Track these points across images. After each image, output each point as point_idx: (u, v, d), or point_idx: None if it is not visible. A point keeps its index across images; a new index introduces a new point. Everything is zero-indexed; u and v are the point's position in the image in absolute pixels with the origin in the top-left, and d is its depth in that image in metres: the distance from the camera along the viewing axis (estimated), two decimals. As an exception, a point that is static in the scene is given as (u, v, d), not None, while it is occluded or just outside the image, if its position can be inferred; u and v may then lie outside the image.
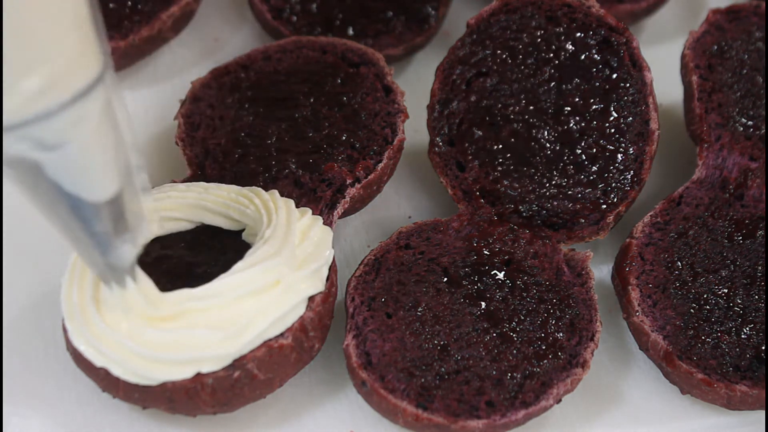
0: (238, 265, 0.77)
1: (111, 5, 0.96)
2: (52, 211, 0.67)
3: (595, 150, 0.90)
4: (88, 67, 0.63)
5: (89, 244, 0.70)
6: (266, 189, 0.84)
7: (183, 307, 0.75)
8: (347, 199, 0.87)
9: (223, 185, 0.84)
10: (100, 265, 0.72)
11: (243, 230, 0.83)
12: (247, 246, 0.81)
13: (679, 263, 0.87)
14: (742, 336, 0.84)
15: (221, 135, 0.90)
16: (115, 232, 0.69)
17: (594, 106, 0.90)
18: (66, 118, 0.63)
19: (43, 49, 0.61)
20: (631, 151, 0.89)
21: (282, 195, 0.84)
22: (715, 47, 0.94)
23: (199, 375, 0.76)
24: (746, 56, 0.94)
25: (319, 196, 0.86)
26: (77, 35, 0.62)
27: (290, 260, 0.79)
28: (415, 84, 0.99)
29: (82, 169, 0.65)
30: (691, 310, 0.85)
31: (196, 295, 0.75)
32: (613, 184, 0.89)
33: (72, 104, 0.63)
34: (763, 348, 0.83)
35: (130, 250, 0.71)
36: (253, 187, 0.84)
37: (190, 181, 0.87)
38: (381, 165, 0.88)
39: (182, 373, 0.76)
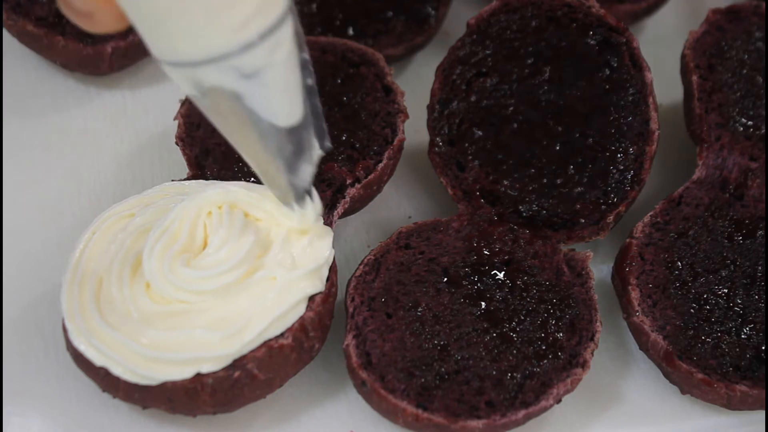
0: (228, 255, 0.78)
1: (111, 5, 0.96)
2: (244, 137, 0.71)
3: (595, 150, 0.90)
4: (283, 2, 0.67)
5: (277, 166, 0.74)
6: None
7: (178, 296, 0.77)
8: (347, 199, 0.87)
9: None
10: (284, 186, 0.76)
11: None
12: None
13: (679, 263, 0.87)
14: (742, 336, 0.84)
15: (221, 135, 0.90)
16: (299, 154, 0.73)
17: (594, 106, 0.90)
18: (266, 46, 0.66)
19: None
20: (631, 151, 0.89)
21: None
22: (715, 47, 0.94)
23: (199, 375, 0.76)
24: (746, 56, 0.94)
25: (319, 196, 0.86)
26: None
27: (285, 258, 0.79)
28: (415, 84, 0.99)
29: (276, 96, 0.69)
30: (691, 310, 0.85)
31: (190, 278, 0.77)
32: (613, 184, 0.89)
33: (272, 32, 0.66)
34: (763, 348, 0.83)
35: (309, 169, 0.76)
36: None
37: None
38: (381, 165, 0.88)
39: (182, 373, 0.76)
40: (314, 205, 0.79)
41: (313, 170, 0.76)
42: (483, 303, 0.84)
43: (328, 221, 0.84)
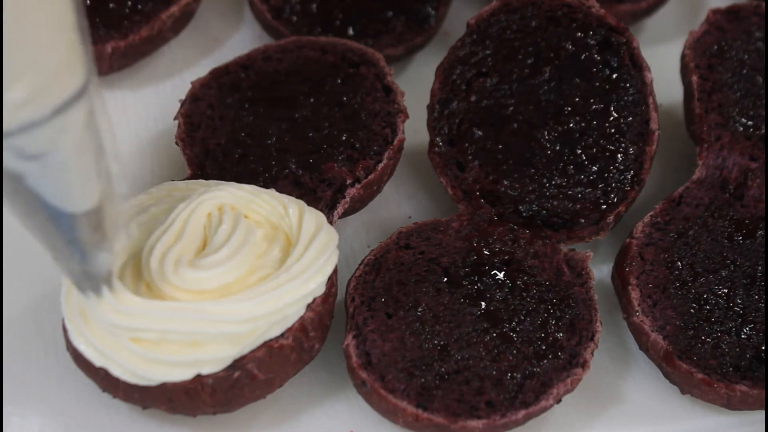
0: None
1: (111, 5, 0.96)
2: (30, 219, 0.66)
3: (595, 150, 0.90)
4: (73, 75, 0.62)
5: (67, 252, 0.69)
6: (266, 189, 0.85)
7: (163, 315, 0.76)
8: (347, 199, 0.87)
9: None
10: (76, 274, 0.72)
11: None
12: None
13: (679, 263, 0.87)
14: (742, 336, 0.84)
15: (221, 135, 0.90)
16: (92, 241, 0.69)
17: (594, 106, 0.90)
18: (50, 128, 0.61)
19: (29, 58, 0.59)
20: (631, 151, 0.89)
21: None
22: (715, 47, 0.94)
23: (199, 375, 0.76)
24: (746, 56, 0.94)
25: (319, 196, 0.86)
26: (63, 43, 0.61)
27: (285, 258, 0.79)
28: (415, 84, 0.99)
29: (63, 180, 0.64)
30: (691, 310, 0.85)
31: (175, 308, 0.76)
32: (613, 184, 0.89)
33: (56, 115, 0.61)
34: (763, 348, 0.83)
35: (107, 258, 0.71)
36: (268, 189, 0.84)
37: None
38: (381, 165, 0.88)
39: (182, 374, 0.76)
40: (111, 296, 0.74)
41: (112, 259, 0.72)
42: (483, 303, 0.84)
43: (328, 221, 0.84)
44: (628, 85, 0.90)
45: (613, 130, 0.90)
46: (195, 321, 0.76)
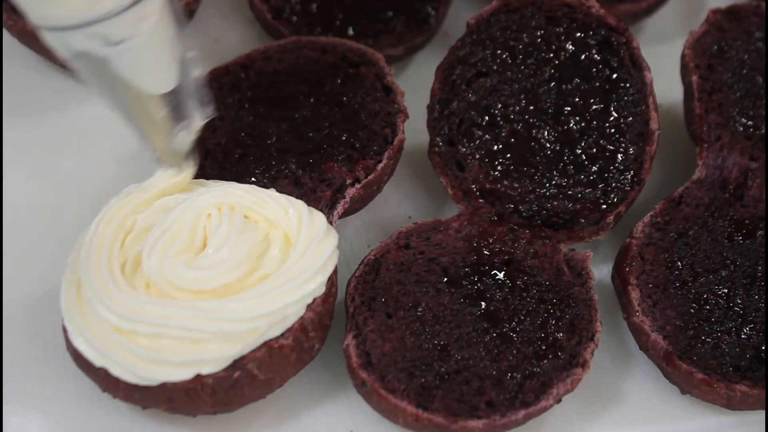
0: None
1: (111, 5, 0.96)
2: (117, 100, 0.75)
3: (595, 150, 0.90)
4: None
5: (150, 130, 0.78)
6: (266, 189, 0.85)
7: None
8: (347, 199, 0.87)
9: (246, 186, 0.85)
10: (161, 148, 0.80)
11: None
12: None
13: (679, 263, 0.87)
14: (742, 336, 0.84)
15: (221, 135, 0.90)
16: (173, 120, 0.77)
17: (594, 106, 0.90)
18: (130, 16, 0.70)
19: None
20: (631, 151, 0.89)
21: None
22: (715, 47, 0.94)
23: (199, 375, 0.76)
24: (746, 56, 0.94)
25: (319, 196, 0.86)
26: None
27: (285, 258, 0.79)
28: (415, 84, 0.99)
29: (144, 64, 0.73)
30: (691, 310, 0.85)
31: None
32: (613, 184, 0.89)
33: (135, 4, 0.70)
34: (763, 348, 0.83)
35: (186, 136, 0.79)
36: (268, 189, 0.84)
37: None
38: (381, 165, 0.88)
39: (182, 374, 0.76)
40: (189, 166, 0.83)
41: (190, 138, 0.80)
42: (483, 303, 0.84)
43: (328, 221, 0.84)
44: (628, 85, 0.90)
45: (613, 130, 0.90)
46: (195, 319, 0.76)
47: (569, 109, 0.91)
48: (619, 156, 0.89)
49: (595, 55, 0.91)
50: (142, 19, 0.71)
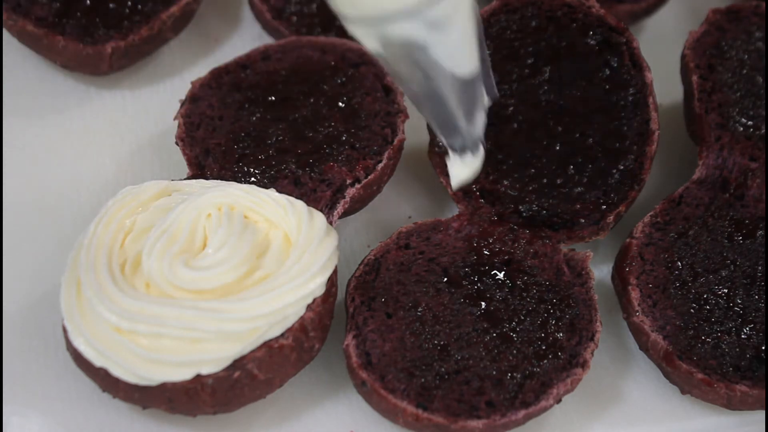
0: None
1: (111, 5, 0.96)
2: (426, 90, 0.74)
3: (595, 150, 0.90)
4: None
5: (457, 115, 0.76)
6: (266, 189, 0.85)
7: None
8: (347, 199, 0.87)
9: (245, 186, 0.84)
10: (463, 135, 0.79)
11: None
12: None
13: (679, 263, 0.87)
14: (742, 336, 0.84)
15: (221, 135, 0.90)
16: (474, 102, 0.76)
17: (594, 106, 0.90)
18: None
19: None
20: (631, 151, 0.89)
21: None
22: (715, 47, 0.94)
23: (198, 375, 0.76)
24: (746, 56, 0.94)
25: (319, 196, 0.86)
26: None
27: (285, 259, 0.79)
28: (416, 84, 0.99)
29: (459, 46, 0.72)
30: (691, 310, 0.85)
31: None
32: (613, 184, 0.89)
33: None
34: (763, 348, 0.83)
35: (482, 117, 0.78)
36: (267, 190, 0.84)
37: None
38: (381, 165, 0.88)
39: (182, 374, 0.76)
40: (481, 154, 0.81)
41: (485, 118, 0.79)
42: (483, 303, 0.84)
43: (328, 221, 0.84)
44: (628, 85, 0.90)
45: (613, 130, 0.90)
46: (195, 319, 0.76)
47: (569, 109, 0.91)
48: (619, 156, 0.89)
49: (595, 55, 0.91)
50: (463, 2, 0.70)
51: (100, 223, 0.82)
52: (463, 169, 0.82)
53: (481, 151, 0.81)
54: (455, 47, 0.71)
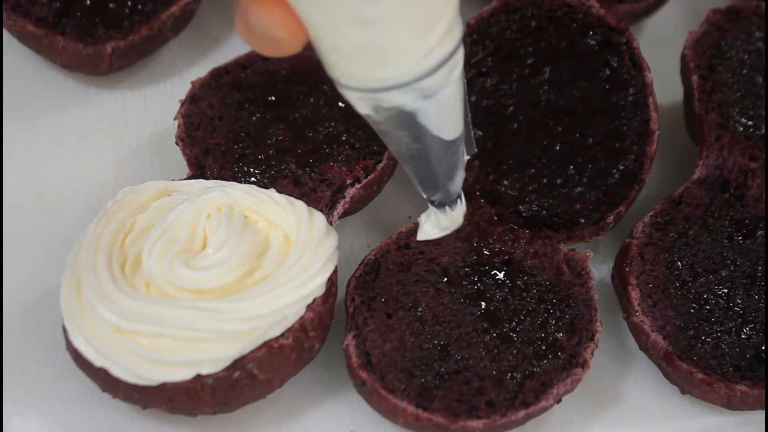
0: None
1: (111, 5, 0.96)
2: (410, 149, 0.74)
3: (595, 150, 0.90)
4: (459, 19, 0.69)
5: (439, 174, 0.77)
6: (266, 189, 0.85)
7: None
8: (347, 199, 0.87)
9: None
10: (443, 192, 0.79)
11: None
12: None
13: (679, 263, 0.87)
14: (742, 336, 0.84)
15: (221, 135, 0.90)
16: (455, 162, 0.77)
17: (594, 106, 0.90)
18: (448, 66, 0.68)
19: (443, 5, 0.67)
20: (631, 151, 0.89)
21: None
22: (715, 47, 0.94)
23: (198, 375, 0.76)
24: (746, 56, 0.94)
25: (319, 196, 0.86)
26: None
27: (284, 259, 0.79)
28: (415, 84, 0.99)
29: (447, 113, 0.72)
30: (691, 310, 0.85)
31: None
32: (613, 184, 0.89)
33: (455, 52, 0.69)
34: (763, 348, 0.83)
35: (462, 174, 0.79)
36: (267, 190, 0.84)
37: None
38: (381, 165, 0.88)
39: (182, 374, 0.76)
40: (462, 206, 0.82)
41: (463, 175, 0.79)
42: (483, 303, 0.84)
43: (328, 221, 0.84)
44: (628, 85, 0.90)
45: (613, 130, 0.90)
46: (195, 319, 0.76)
47: (569, 109, 0.91)
48: (619, 156, 0.89)
49: (595, 56, 0.91)
50: (456, 65, 0.69)
51: (100, 223, 0.82)
52: (438, 222, 0.83)
53: (460, 205, 0.81)
54: (443, 113, 0.71)
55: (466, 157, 0.78)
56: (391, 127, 0.72)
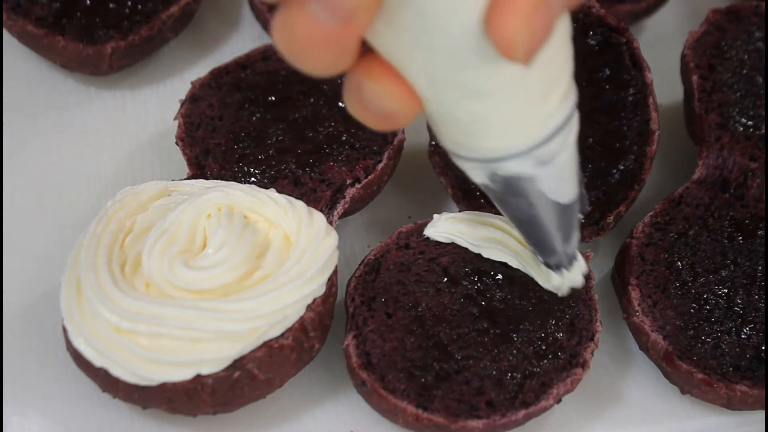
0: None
1: (111, 5, 0.96)
2: (527, 216, 0.73)
3: (595, 150, 0.90)
4: (573, 82, 0.68)
5: (555, 238, 0.76)
6: (266, 189, 0.85)
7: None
8: (347, 199, 0.87)
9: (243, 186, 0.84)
10: (559, 255, 0.78)
11: None
12: None
13: (679, 263, 0.87)
14: (742, 336, 0.84)
15: (221, 135, 0.90)
16: (571, 224, 0.75)
17: (594, 106, 0.90)
18: (564, 132, 0.67)
19: (562, 69, 0.65)
20: (631, 151, 0.89)
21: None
22: (715, 47, 0.94)
23: (198, 375, 0.76)
24: (746, 56, 0.94)
25: (319, 196, 0.86)
26: (569, 58, 0.67)
27: (285, 259, 0.79)
28: (416, 84, 0.99)
29: (564, 177, 0.70)
30: (691, 310, 0.85)
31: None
32: (613, 184, 0.89)
33: (571, 117, 0.67)
34: (763, 348, 0.83)
35: (577, 236, 0.77)
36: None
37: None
38: (381, 165, 0.88)
39: (182, 374, 0.76)
40: (580, 266, 0.81)
41: (579, 236, 0.78)
42: (483, 303, 0.84)
43: (328, 221, 0.84)
44: (628, 85, 0.90)
45: (613, 130, 0.90)
46: (195, 319, 0.76)
47: (569, 109, 0.91)
48: (619, 156, 0.89)
49: (595, 56, 0.91)
50: (571, 129, 0.68)
51: (100, 223, 0.82)
52: (560, 280, 0.82)
53: (577, 263, 0.80)
54: (560, 178, 0.70)
55: (581, 216, 0.77)
56: (508, 194, 0.70)
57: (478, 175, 0.69)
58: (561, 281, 0.82)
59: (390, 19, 0.59)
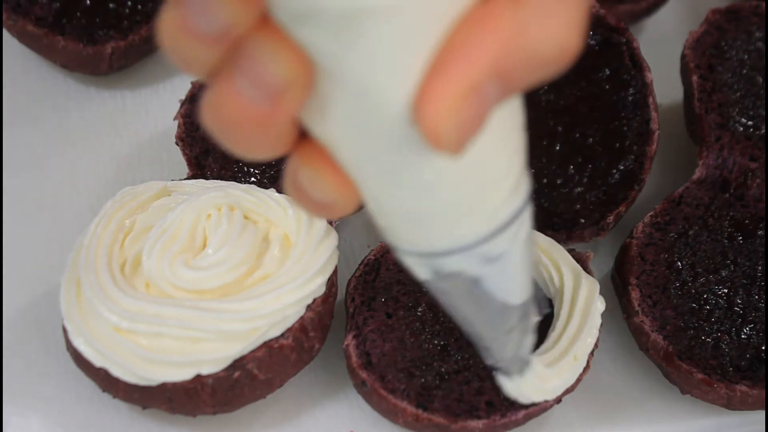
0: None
1: (111, 5, 0.96)
2: (474, 315, 0.67)
3: (595, 150, 0.90)
4: (526, 173, 0.64)
5: (505, 340, 0.70)
6: (266, 189, 0.85)
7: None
8: (347, 199, 0.87)
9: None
10: (509, 359, 0.74)
11: None
12: None
13: (680, 263, 0.87)
14: (742, 336, 0.84)
15: (221, 135, 0.90)
16: (523, 327, 0.70)
17: (594, 106, 0.90)
18: (513, 228, 0.62)
19: (511, 157, 0.62)
20: (631, 151, 0.89)
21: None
22: (715, 47, 0.94)
23: (199, 375, 0.76)
24: (746, 56, 0.94)
25: (319, 196, 0.86)
26: (519, 141, 0.63)
27: (285, 258, 0.79)
28: (415, 84, 0.99)
29: (514, 276, 0.65)
30: (692, 310, 0.85)
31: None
32: (613, 184, 0.89)
33: (520, 212, 0.62)
34: (763, 348, 0.83)
35: (530, 339, 0.73)
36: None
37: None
38: (381, 165, 0.88)
39: (182, 374, 0.76)
40: (535, 371, 0.77)
41: (533, 339, 0.74)
42: (483, 303, 0.84)
43: (328, 221, 0.84)
44: (628, 85, 0.90)
45: (613, 130, 0.90)
46: (195, 319, 0.76)
47: (569, 108, 0.91)
48: (619, 156, 0.89)
49: (595, 56, 0.91)
50: (521, 225, 0.62)
51: (99, 223, 0.82)
52: (513, 387, 0.78)
53: (531, 368, 0.76)
54: (509, 278, 0.64)
55: (536, 319, 0.72)
56: (453, 293, 0.65)
57: (421, 272, 0.64)
58: (514, 389, 0.78)
59: (321, 102, 0.54)
